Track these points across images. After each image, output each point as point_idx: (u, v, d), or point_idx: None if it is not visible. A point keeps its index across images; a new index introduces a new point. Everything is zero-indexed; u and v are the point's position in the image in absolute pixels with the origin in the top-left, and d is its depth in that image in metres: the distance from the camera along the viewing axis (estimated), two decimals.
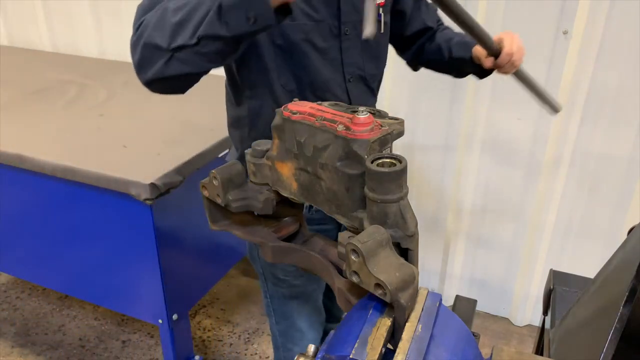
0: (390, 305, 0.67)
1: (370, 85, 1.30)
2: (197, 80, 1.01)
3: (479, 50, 1.28)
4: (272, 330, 1.49)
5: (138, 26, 0.95)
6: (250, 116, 1.22)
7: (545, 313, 1.38)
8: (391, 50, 1.42)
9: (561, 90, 1.96)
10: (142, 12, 0.97)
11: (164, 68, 0.92)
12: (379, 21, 1.24)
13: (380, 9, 1.24)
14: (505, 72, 1.29)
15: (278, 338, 1.48)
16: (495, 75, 1.35)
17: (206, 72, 0.98)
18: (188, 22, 0.86)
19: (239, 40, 0.90)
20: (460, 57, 1.35)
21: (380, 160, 0.73)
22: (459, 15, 1.02)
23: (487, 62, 1.26)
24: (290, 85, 1.18)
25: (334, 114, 0.81)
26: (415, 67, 1.53)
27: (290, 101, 0.90)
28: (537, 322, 2.25)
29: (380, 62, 1.31)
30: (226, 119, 1.33)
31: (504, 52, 1.23)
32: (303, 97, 1.15)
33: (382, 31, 1.26)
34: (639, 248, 0.93)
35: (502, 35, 1.25)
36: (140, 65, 0.95)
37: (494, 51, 1.23)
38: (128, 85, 2.32)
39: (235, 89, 1.23)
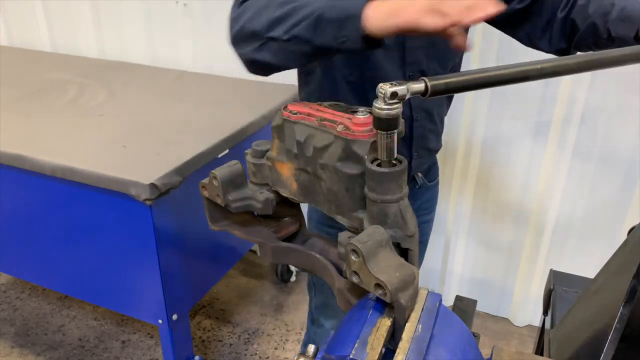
0: (390, 306, 0.67)
1: None
2: (278, 71, 1.05)
3: None
4: (310, 305, 1.57)
5: (242, 2, 1.00)
6: (307, 99, 1.29)
7: (545, 313, 1.38)
8: None
9: (561, 90, 1.96)
10: None
11: (253, 52, 0.98)
12: None
13: None
14: None
15: (314, 312, 1.54)
16: None
17: (289, 68, 1.04)
18: (287, 19, 0.91)
19: (323, 51, 0.94)
20: (622, 36, 1.08)
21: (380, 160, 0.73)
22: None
23: None
24: (352, 77, 1.21)
25: (334, 114, 0.81)
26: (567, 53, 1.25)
27: (350, 93, 1.03)
28: (537, 323, 2.25)
29: (447, 61, 1.27)
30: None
31: None
32: (364, 90, 1.20)
33: None
34: (639, 248, 0.93)
35: None
36: (234, 43, 1.02)
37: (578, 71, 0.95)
38: (128, 85, 2.32)
39: (300, 70, 1.31)
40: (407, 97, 0.73)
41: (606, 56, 0.88)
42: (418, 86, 0.75)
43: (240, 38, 1.00)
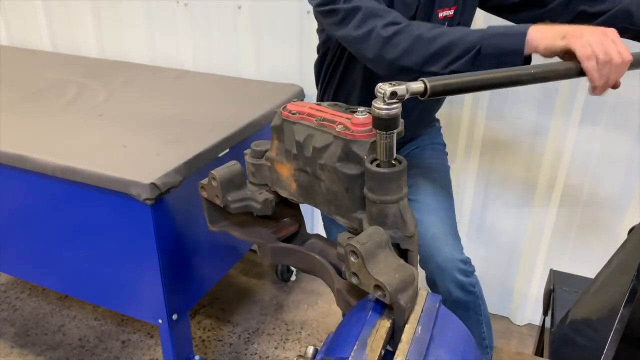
0: (390, 307, 0.67)
1: None
2: None
3: None
4: None
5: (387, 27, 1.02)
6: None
7: (545, 313, 1.38)
8: None
9: (561, 89, 1.96)
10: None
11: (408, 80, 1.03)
12: None
13: (446, 24, 1.26)
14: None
15: None
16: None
17: None
18: (443, 56, 0.96)
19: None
20: None
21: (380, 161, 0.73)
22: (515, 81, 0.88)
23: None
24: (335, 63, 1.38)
25: (333, 114, 0.81)
26: None
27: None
28: (537, 321, 2.25)
29: None
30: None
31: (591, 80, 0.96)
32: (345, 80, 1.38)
33: None
34: (639, 248, 0.93)
35: (576, 44, 0.90)
36: (387, 74, 1.02)
37: (579, 75, 0.94)
38: (128, 85, 2.32)
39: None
40: (406, 97, 0.73)
41: None
42: (417, 86, 0.75)
43: (392, 72, 1.04)
